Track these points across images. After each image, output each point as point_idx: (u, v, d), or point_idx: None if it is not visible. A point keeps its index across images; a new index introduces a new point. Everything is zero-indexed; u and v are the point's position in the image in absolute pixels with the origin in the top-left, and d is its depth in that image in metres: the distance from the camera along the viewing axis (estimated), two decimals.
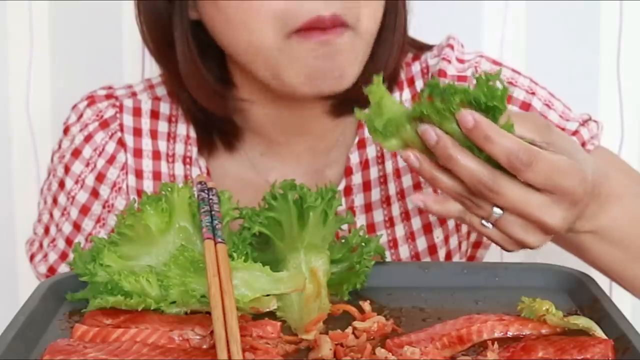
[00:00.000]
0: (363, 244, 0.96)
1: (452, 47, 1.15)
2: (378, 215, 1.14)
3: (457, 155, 0.82)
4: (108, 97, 1.20)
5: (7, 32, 1.65)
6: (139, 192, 1.15)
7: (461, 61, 1.15)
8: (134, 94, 1.20)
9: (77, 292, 0.91)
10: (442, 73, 1.12)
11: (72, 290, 0.92)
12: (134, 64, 1.62)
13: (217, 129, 1.15)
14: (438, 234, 1.15)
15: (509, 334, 0.85)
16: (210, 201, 0.93)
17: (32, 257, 1.24)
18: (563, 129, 1.11)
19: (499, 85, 0.81)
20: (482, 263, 1.15)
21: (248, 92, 1.12)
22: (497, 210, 0.85)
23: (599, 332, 0.83)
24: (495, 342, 0.82)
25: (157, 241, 0.90)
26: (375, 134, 0.85)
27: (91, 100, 1.20)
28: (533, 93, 1.13)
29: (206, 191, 0.94)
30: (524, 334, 0.85)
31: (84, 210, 1.17)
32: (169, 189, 0.92)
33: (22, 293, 1.69)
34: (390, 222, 1.14)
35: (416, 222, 1.14)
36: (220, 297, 0.80)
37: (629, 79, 1.61)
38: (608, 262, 1.01)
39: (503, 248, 0.90)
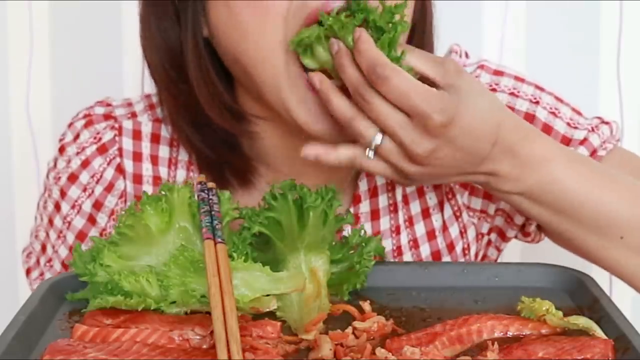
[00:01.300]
0: (363, 244, 0.96)
1: None
2: (387, 245, 1.12)
3: (345, 62, 0.91)
4: (106, 117, 1.15)
5: (7, 32, 1.65)
6: None
7: None
8: (133, 115, 1.15)
9: (77, 292, 0.91)
10: None
11: (72, 290, 0.92)
12: (133, 64, 1.62)
13: (227, 166, 1.10)
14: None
15: (509, 334, 0.85)
16: (210, 201, 0.93)
17: (28, 271, 1.22)
18: (570, 139, 1.09)
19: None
20: (482, 263, 1.15)
21: (256, 122, 1.07)
22: (377, 137, 0.91)
23: (599, 332, 0.83)
24: (495, 342, 0.82)
25: (157, 241, 0.90)
26: (303, 56, 0.96)
27: (89, 120, 1.15)
28: (537, 102, 1.11)
29: (206, 191, 0.94)
30: (524, 334, 0.85)
31: (80, 236, 1.14)
32: (169, 189, 0.92)
33: (22, 293, 1.69)
34: (398, 251, 1.13)
35: (425, 250, 1.13)
36: (220, 297, 0.80)
37: (629, 79, 1.61)
38: (558, 229, 1.00)
39: (395, 180, 0.96)
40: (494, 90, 1.11)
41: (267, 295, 0.87)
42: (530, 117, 1.10)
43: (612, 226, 0.98)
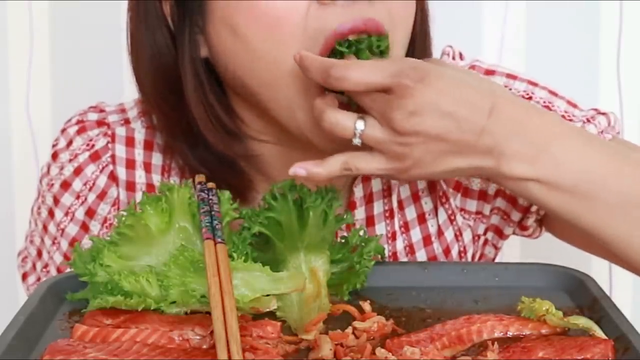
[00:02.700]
0: (363, 244, 0.96)
1: None
2: None
3: (306, 64, 0.90)
4: (99, 124, 1.14)
5: (7, 32, 1.65)
6: None
7: None
8: (127, 122, 1.13)
9: (77, 292, 0.91)
10: None
11: (72, 290, 0.92)
12: None
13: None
14: None
15: (509, 334, 0.85)
16: (210, 201, 0.93)
17: (24, 276, 1.21)
18: None
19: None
20: (482, 263, 1.15)
21: (257, 133, 1.05)
22: (358, 123, 0.88)
23: (599, 332, 0.83)
24: (495, 342, 0.82)
25: (157, 241, 0.90)
26: None
27: (81, 127, 1.14)
28: (530, 98, 1.08)
29: (206, 191, 0.94)
30: (524, 334, 0.85)
31: (74, 243, 1.08)
32: (169, 189, 0.92)
33: (22, 293, 1.69)
34: (394, 257, 1.12)
35: (421, 256, 1.12)
36: (220, 297, 0.80)
37: (629, 79, 1.62)
38: (582, 219, 0.91)
39: (393, 175, 0.90)
40: None
41: (267, 295, 0.87)
42: None
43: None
